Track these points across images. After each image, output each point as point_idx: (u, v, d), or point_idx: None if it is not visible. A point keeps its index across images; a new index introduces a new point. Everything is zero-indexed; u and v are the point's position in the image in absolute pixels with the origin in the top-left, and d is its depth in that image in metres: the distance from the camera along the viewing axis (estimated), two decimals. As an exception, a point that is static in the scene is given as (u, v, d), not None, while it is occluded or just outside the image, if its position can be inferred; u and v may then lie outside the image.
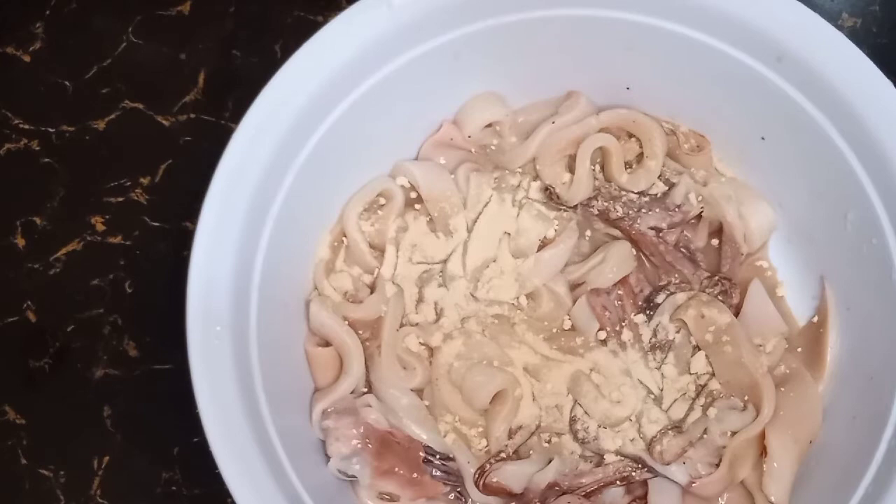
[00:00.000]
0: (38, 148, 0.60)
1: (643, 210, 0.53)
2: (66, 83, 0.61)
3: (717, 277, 0.53)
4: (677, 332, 0.52)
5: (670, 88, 0.53)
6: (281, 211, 0.48)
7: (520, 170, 0.55)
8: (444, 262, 0.53)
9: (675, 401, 0.51)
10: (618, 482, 0.51)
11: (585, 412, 0.51)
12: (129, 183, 0.59)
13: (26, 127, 0.60)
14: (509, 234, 0.53)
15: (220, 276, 0.45)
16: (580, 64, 0.53)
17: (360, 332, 0.51)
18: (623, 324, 0.52)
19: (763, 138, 0.52)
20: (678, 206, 0.53)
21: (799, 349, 0.53)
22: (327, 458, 0.49)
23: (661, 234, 0.53)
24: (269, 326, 0.47)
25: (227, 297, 0.45)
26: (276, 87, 0.47)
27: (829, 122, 0.48)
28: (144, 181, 0.59)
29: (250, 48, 0.61)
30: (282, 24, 0.61)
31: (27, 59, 0.61)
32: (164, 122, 0.60)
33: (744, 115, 0.52)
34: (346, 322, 0.51)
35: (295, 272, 0.51)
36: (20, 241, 0.58)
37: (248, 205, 0.46)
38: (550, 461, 0.50)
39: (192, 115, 0.60)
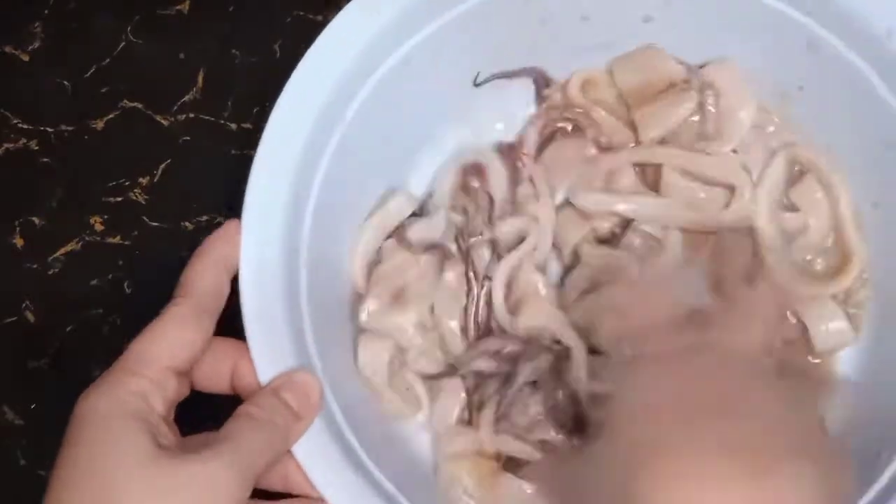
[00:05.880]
0: (36, 148, 0.60)
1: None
2: (65, 83, 0.61)
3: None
4: None
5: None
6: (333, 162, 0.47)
7: None
8: None
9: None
10: None
11: None
12: (128, 183, 0.59)
13: (25, 127, 0.60)
14: None
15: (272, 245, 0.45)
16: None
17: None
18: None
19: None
20: None
21: None
22: None
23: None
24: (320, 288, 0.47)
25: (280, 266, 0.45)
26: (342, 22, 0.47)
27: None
28: (143, 181, 0.59)
29: (250, 48, 0.61)
30: (282, 24, 0.61)
31: (26, 58, 0.61)
32: (163, 121, 0.60)
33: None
34: None
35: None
36: (19, 242, 0.58)
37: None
38: None
39: (192, 115, 0.60)
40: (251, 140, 0.60)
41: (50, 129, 0.60)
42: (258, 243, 0.44)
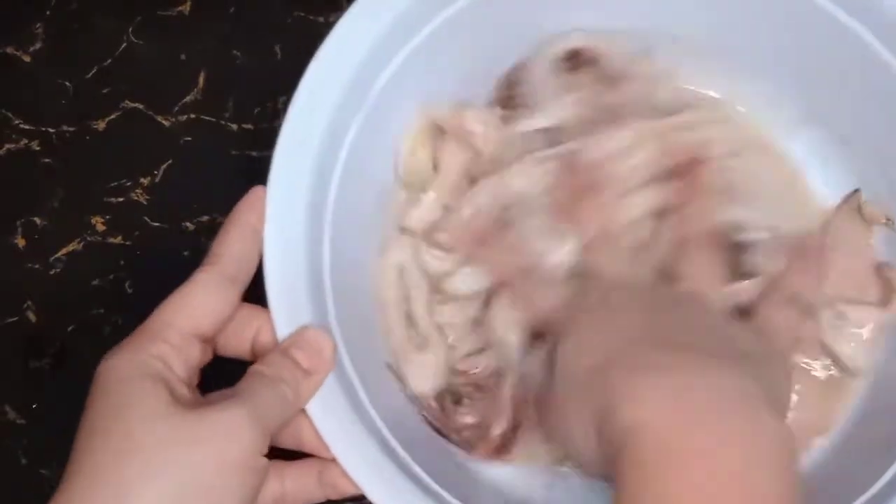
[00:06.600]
0: (38, 148, 0.60)
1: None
2: (67, 83, 0.61)
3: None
4: None
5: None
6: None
7: None
8: None
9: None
10: None
11: None
12: (129, 183, 0.59)
13: (26, 127, 0.60)
14: None
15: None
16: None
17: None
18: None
19: None
20: None
21: None
22: None
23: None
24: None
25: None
26: None
27: None
28: (144, 181, 0.59)
29: (250, 48, 0.61)
30: (282, 24, 0.61)
31: (27, 59, 0.61)
32: (164, 122, 0.60)
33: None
34: None
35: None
36: (20, 242, 0.58)
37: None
38: None
39: (193, 116, 0.60)
40: (252, 140, 0.60)
41: (51, 130, 0.60)
42: (283, 207, 0.44)
